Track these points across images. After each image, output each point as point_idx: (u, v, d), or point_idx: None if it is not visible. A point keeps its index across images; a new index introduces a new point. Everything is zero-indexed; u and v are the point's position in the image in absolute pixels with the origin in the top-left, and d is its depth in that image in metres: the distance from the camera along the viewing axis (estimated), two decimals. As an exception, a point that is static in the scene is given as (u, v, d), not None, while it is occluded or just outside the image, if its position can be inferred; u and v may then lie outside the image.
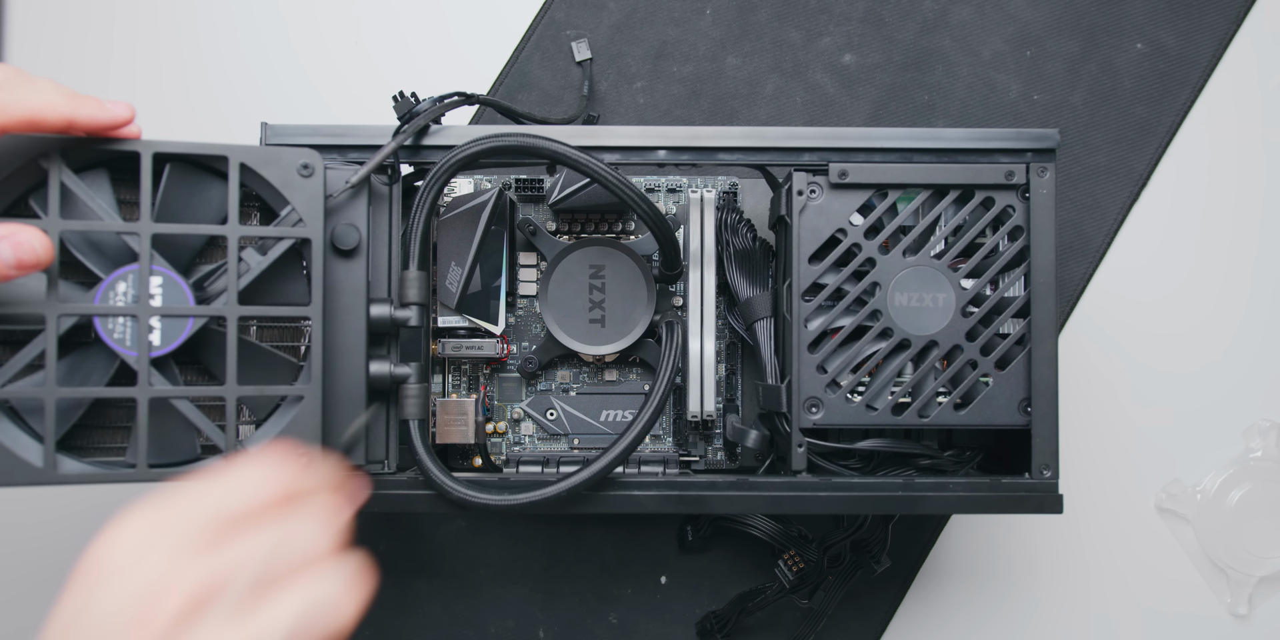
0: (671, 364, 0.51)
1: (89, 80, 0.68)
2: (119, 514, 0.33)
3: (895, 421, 0.51)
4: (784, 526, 0.61)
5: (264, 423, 0.45)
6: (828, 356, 0.51)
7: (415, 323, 0.49)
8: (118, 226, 0.42)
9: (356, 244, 0.48)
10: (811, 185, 0.51)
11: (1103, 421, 0.67)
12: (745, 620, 0.64)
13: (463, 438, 0.55)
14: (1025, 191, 0.51)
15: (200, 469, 0.43)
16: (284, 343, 0.48)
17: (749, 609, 0.62)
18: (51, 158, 0.41)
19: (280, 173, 0.44)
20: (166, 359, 0.43)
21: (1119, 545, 0.67)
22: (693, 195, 0.55)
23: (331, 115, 0.68)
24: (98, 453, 0.44)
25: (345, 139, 0.49)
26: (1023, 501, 0.50)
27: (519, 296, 0.58)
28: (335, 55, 0.69)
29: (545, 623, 0.65)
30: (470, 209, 0.53)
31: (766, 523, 0.61)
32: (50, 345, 0.40)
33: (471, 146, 0.48)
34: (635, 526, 0.65)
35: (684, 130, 0.50)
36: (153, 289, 0.42)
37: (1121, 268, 0.68)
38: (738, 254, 0.55)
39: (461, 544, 0.65)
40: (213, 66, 0.68)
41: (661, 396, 0.50)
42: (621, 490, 0.50)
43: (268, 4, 0.69)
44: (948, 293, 0.51)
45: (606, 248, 0.55)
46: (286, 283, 0.46)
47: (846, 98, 0.68)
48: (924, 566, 0.66)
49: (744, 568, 0.65)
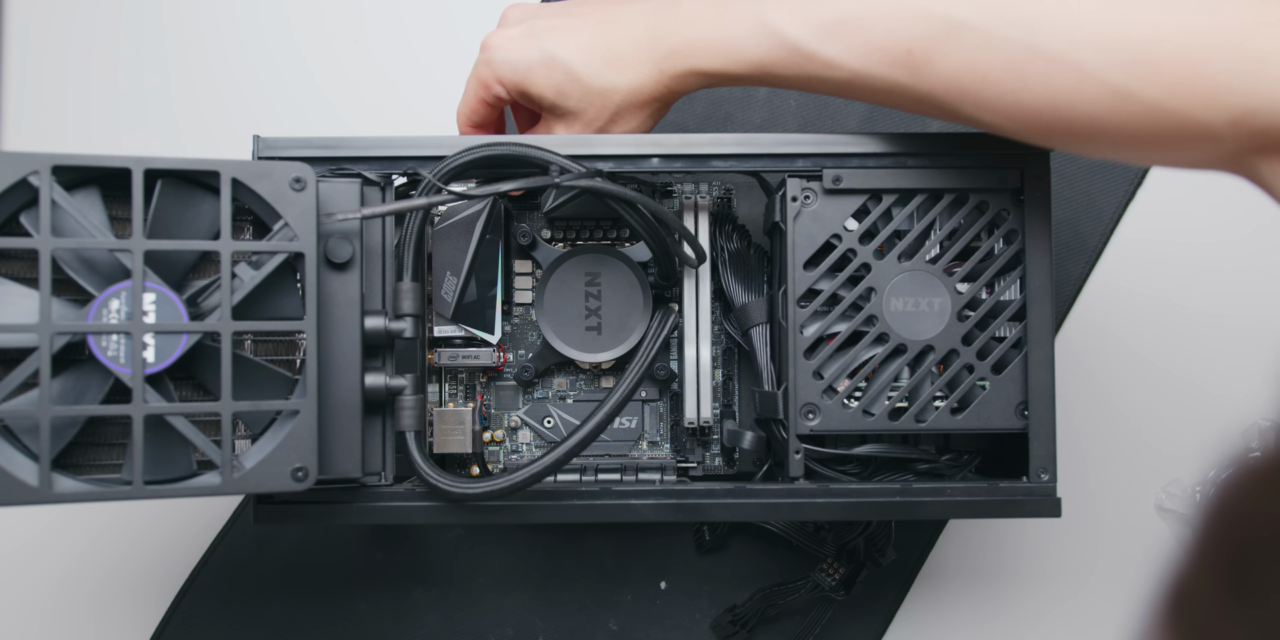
0: (656, 341, 0.52)
1: (89, 83, 0.68)
2: None
3: (892, 426, 0.50)
4: (800, 522, 0.61)
5: (260, 437, 0.45)
6: (824, 362, 0.50)
7: (410, 334, 0.49)
8: (110, 244, 0.42)
9: (350, 257, 0.48)
10: (805, 191, 0.50)
11: (1102, 421, 0.67)
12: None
13: (461, 447, 0.55)
14: (1020, 195, 0.50)
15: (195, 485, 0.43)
16: (279, 356, 0.48)
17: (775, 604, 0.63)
18: (42, 175, 0.40)
19: (272, 187, 0.44)
20: (161, 375, 0.43)
21: (1119, 546, 0.67)
22: (687, 201, 0.55)
23: (333, 115, 0.68)
24: (93, 470, 0.44)
25: (339, 151, 0.49)
26: (1021, 505, 0.50)
27: (515, 305, 0.58)
28: (336, 55, 0.68)
29: (545, 630, 0.65)
30: (465, 218, 0.53)
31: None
32: (44, 364, 0.40)
33: (463, 156, 0.48)
34: (634, 533, 0.65)
35: (677, 138, 0.50)
36: (146, 306, 0.42)
37: (1119, 267, 0.68)
38: (732, 259, 0.55)
39: (460, 553, 0.65)
40: (214, 66, 0.68)
41: (643, 369, 0.51)
42: (618, 499, 0.50)
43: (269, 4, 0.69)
44: (943, 297, 0.50)
45: (602, 255, 0.55)
46: (280, 297, 0.45)
47: (840, 101, 0.67)
48: (924, 567, 0.66)
49: (743, 571, 0.65)
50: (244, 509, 0.65)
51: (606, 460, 0.57)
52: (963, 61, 0.43)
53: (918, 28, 0.43)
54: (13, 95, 0.68)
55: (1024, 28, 0.41)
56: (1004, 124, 0.44)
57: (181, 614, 0.65)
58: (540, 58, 0.49)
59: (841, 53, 0.44)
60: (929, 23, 0.43)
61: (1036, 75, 0.42)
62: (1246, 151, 0.40)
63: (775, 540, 0.64)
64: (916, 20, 0.43)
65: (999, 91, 0.43)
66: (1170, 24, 0.40)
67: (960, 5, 0.42)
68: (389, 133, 0.50)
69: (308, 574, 0.65)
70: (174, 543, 0.66)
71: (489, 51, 0.50)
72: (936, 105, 0.45)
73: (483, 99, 0.52)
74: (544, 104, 0.50)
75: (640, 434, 0.58)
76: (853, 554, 0.61)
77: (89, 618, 0.65)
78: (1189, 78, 0.39)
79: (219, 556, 0.65)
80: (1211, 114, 0.39)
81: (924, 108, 0.46)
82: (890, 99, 0.46)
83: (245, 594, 0.65)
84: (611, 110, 0.49)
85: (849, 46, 0.44)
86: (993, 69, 0.42)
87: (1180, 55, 0.39)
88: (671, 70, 0.48)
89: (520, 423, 0.58)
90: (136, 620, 0.65)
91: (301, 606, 0.65)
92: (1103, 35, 0.40)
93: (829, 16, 0.44)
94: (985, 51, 0.42)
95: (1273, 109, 0.38)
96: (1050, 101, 0.42)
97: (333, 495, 0.49)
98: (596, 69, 0.48)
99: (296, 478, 0.44)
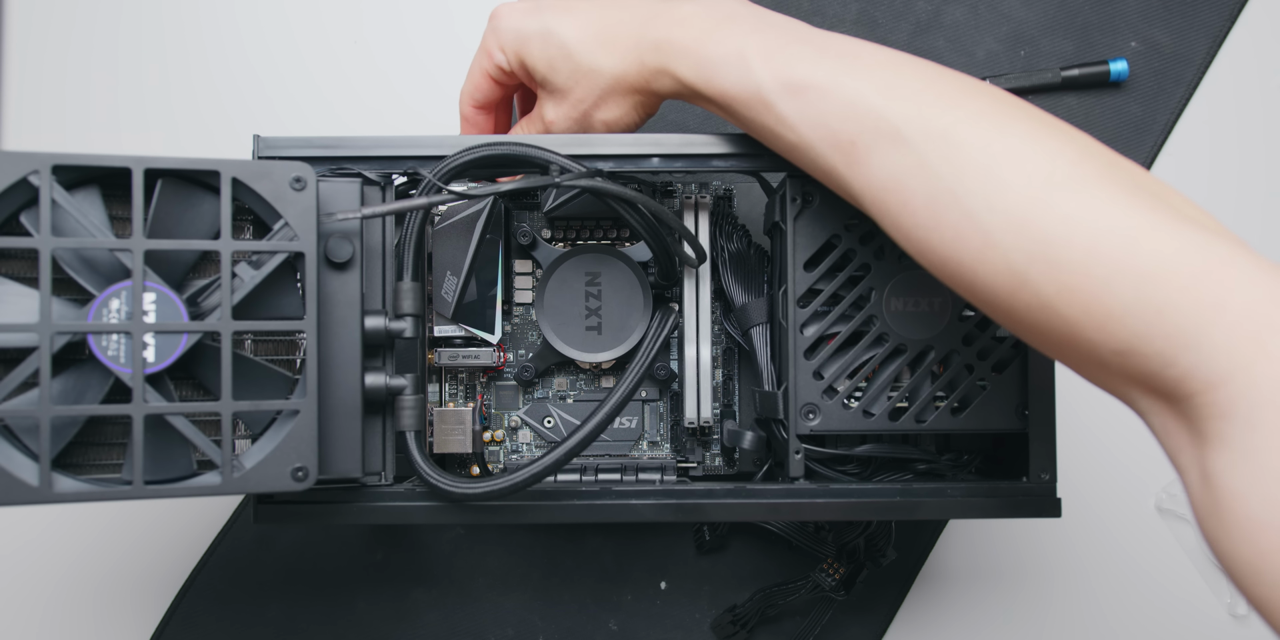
0: (656, 341, 0.52)
1: (89, 83, 0.68)
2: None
3: (892, 427, 0.50)
4: (800, 522, 0.61)
5: (260, 437, 0.45)
6: (824, 363, 0.50)
7: (410, 334, 0.49)
8: (110, 243, 0.41)
9: (350, 256, 0.48)
10: (806, 191, 0.50)
11: (1102, 421, 0.67)
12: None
13: (461, 447, 0.55)
14: (1020, 195, 0.50)
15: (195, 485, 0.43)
16: (279, 356, 0.48)
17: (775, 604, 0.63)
18: (42, 175, 0.40)
19: (273, 187, 0.44)
20: (161, 375, 0.43)
21: (1119, 545, 0.67)
22: (687, 201, 0.55)
23: (333, 115, 0.68)
24: (93, 470, 0.44)
25: (339, 150, 0.49)
26: (1021, 506, 0.50)
27: (515, 305, 0.58)
28: (336, 55, 0.68)
29: (545, 630, 0.65)
30: (465, 218, 0.53)
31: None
32: (44, 363, 0.40)
33: (463, 155, 0.48)
34: (634, 532, 0.65)
35: (677, 138, 0.50)
36: (146, 305, 0.42)
37: (1118, 267, 0.68)
38: (732, 259, 0.55)
39: (460, 552, 0.65)
40: (214, 66, 0.68)
41: (643, 369, 0.50)
42: (618, 499, 0.50)
43: (269, 4, 0.69)
44: (943, 297, 0.50)
45: (602, 254, 0.55)
46: (280, 296, 0.45)
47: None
48: (924, 567, 0.66)
49: (743, 571, 0.65)
50: (244, 509, 0.65)
51: (606, 460, 0.57)
52: (892, 177, 0.41)
53: (866, 123, 0.41)
54: (13, 95, 0.68)
55: (954, 171, 0.39)
56: (913, 253, 0.42)
57: (181, 614, 0.65)
58: (539, 30, 0.49)
59: (795, 115, 0.43)
60: (877, 124, 0.41)
61: (949, 225, 0.39)
62: (1128, 383, 0.37)
63: (775, 540, 0.64)
64: (869, 116, 0.41)
65: (915, 223, 0.40)
66: (1084, 232, 0.36)
67: (912, 120, 0.40)
68: (389, 133, 0.50)
69: (308, 574, 0.65)
70: (174, 543, 0.66)
71: (495, 19, 0.51)
72: (861, 205, 0.43)
73: (486, 71, 0.52)
74: (537, 77, 0.50)
75: (640, 434, 0.58)
76: (853, 554, 0.61)
77: (89, 618, 0.65)
78: (1086, 293, 0.36)
79: (219, 556, 0.65)
80: (1100, 336, 0.36)
81: (852, 202, 0.44)
82: (828, 181, 0.45)
83: (245, 594, 0.65)
84: (598, 92, 0.49)
85: (804, 113, 0.43)
86: (915, 198, 0.40)
87: (1084, 268, 0.36)
88: (651, 64, 0.47)
89: (520, 423, 0.58)
90: (136, 620, 0.65)
91: (301, 606, 0.65)
92: (1019, 213, 0.37)
93: (797, 76, 0.43)
94: (914, 177, 0.40)
95: (1159, 356, 0.35)
96: (955, 254, 0.39)
97: (333, 495, 0.49)
98: (589, 49, 0.48)
99: (296, 478, 0.44)
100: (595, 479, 0.55)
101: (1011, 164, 0.38)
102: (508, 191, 0.47)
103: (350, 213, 0.46)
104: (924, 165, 0.40)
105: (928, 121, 0.40)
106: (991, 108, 0.40)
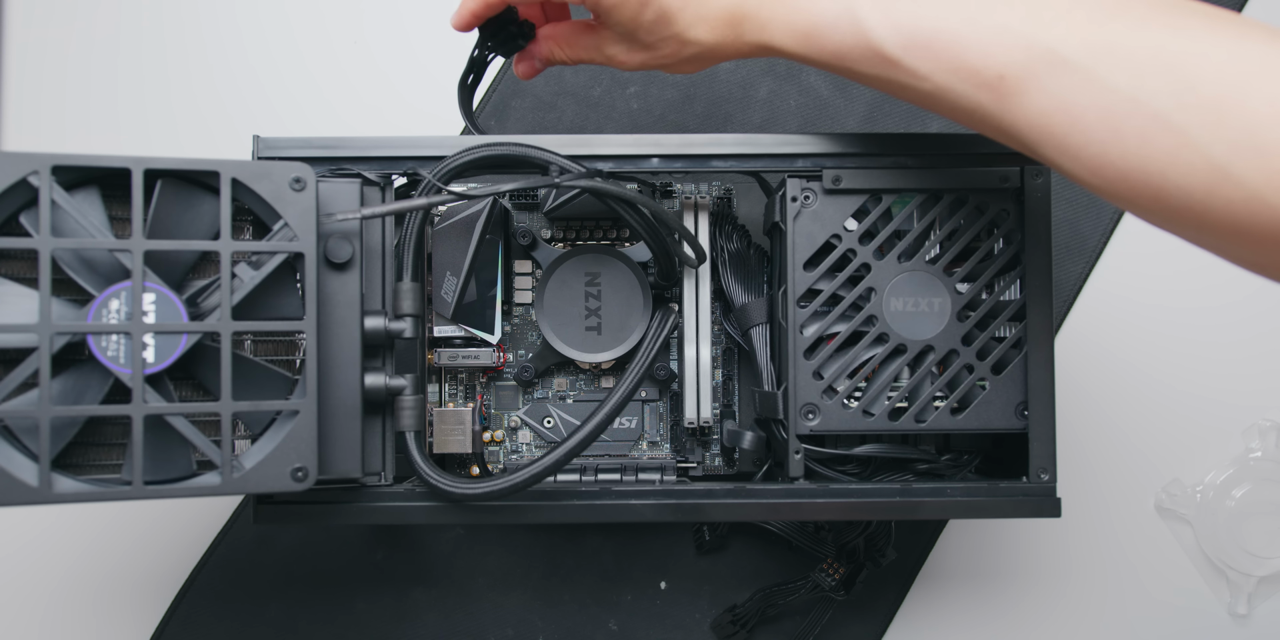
0: (656, 341, 0.52)
1: (89, 83, 0.68)
2: None
3: (892, 427, 0.50)
4: (800, 522, 0.61)
5: (260, 437, 0.45)
6: (824, 363, 0.50)
7: (410, 334, 0.49)
8: (110, 244, 0.41)
9: (350, 257, 0.48)
10: (805, 191, 0.50)
11: (1102, 421, 0.67)
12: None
13: (460, 447, 0.55)
14: (1020, 195, 0.50)
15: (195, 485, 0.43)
16: (279, 356, 0.48)
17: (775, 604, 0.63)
18: (42, 175, 0.40)
19: (272, 187, 0.44)
20: (161, 375, 0.43)
21: (1119, 545, 0.67)
22: (686, 201, 0.55)
23: (333, 115, 0.68)
24: (93, 470, 0.44)
25: (339, 151, 0.49)
26: (1020, 505, 0.50)
27: (515, 305, 0.58)
28: (336, 55, 0.68)
29: (545, 630, 0.65)
30: (464, 219, 0.53)
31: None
32: (44, 364, 0.40)
33: (463, 156, 0.48)
34: (634, 532, 0.65)
35: (677, 138, 0.50)
36: (146, 306, 0.42)
37: (1119, 267, 0.68)
38: (732, 259, 0.55)
39: (460, 553, 0.65)
40: (214, 66, 0.68)
41: (643, 369, 0.50)
42: (618, 499, 0.50)
43: (269, 4, 0.69)
44: (943, 297, 0.50)
45: (602, 255, 0.55)
46: (280, 297, 0.45)
47: (840, 100, 0.67)
48: (924, 567, 0.66)
49: (744, 571, 0.65)
50: (244, 509, 0.65)
51: (606, 460, 0.57)
52: (1057, 100, 0.39)
53: (1016, 54, 0.40)
54: (13, 95, 0.68)
55: (1132, 76, 0.37)
56: (1085, 176, 0.40)
57: (181, 614, 0.65)
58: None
59: (927, 66, 0.42)
60: (1030, 52, 0.39)
61: (1133, 130, 0.38)
62: None
63: (775, 540, 0.64)
64: (1017, 47, 0.40)
65: (1087, 139, 0.39)
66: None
67: (1069, 40, 0.39)
68: (389, 133, 0.50)
69: (308, 574, 0.65)
70: (174, 543, 0.66)
71: None
72: (1017, 139, 0.42)
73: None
74: (611, 21, 0.48)
75: (640, 434, 0.58)
76: (853, 554, 0.61)
77: (89, 618, 0.65)
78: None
79: (219, 556, 0.65)
80: None
81: (1004, 138, 0.43)
82: (970, 121, 0.43)
83: (245, 594, 0.65)
84: (686, 57, 0.48)
85: (937, 62, 0.42)
86: (1087, 114, 0.39)
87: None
88: (750, 39, 0.46)
89: (520, 423, 0.58)
90: (136, 620, 0.65)
91: (301, 606, 0.65)
92: (1217, 104, 0.36)
93: (924, 28, 0.41)
94: (1084, 93, 0.38)
95: None
96: (1141, 162, 0.38)
97: (333, 495, 0.49)
98: (688, 19, 0.47)
99: (296, 478, 0.44)
100: (595, 479, 0.55)
101: (1196, 60, 0.37)
102: (507, 191, 0.47)
103: (350, 213, 0.46)
104: (1093, 80, 0.38)
105: (1088, 37, 0.39)
106: (1150, 11, 0.39)
